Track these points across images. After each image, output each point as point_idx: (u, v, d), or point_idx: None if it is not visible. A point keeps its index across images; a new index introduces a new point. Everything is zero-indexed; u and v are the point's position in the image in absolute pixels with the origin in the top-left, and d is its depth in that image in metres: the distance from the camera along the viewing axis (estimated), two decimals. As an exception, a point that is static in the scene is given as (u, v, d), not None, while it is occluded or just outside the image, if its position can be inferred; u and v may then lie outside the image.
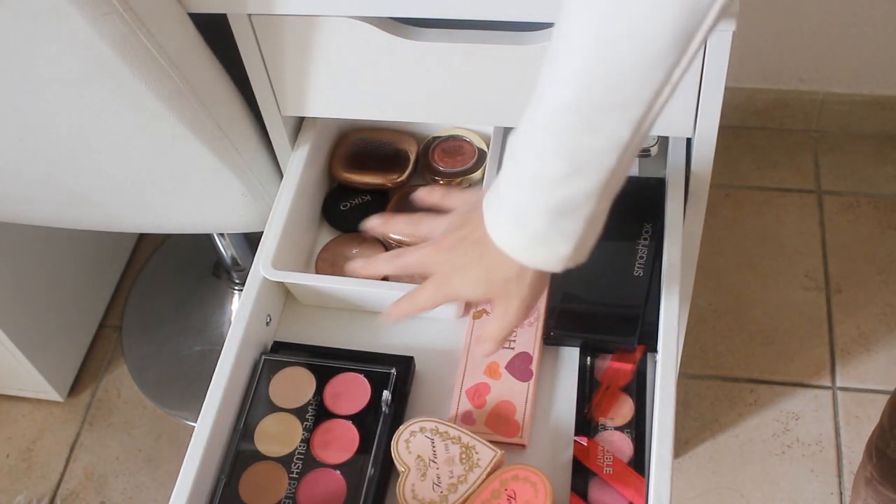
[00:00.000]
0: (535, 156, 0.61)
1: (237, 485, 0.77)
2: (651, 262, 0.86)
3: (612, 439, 0.78)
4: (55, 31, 0.74)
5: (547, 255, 0.65)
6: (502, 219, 0.65)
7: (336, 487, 0.77)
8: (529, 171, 0.61)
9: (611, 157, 0.59)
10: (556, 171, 0.60)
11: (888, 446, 0.91)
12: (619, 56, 0.55)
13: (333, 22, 0.82)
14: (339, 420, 0.81)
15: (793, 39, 1.65)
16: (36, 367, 1.47)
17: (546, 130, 0.59)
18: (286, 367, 0.84)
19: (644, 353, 0.82)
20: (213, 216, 1.01)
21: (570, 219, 0.62)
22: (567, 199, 0.61)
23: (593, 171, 0.59)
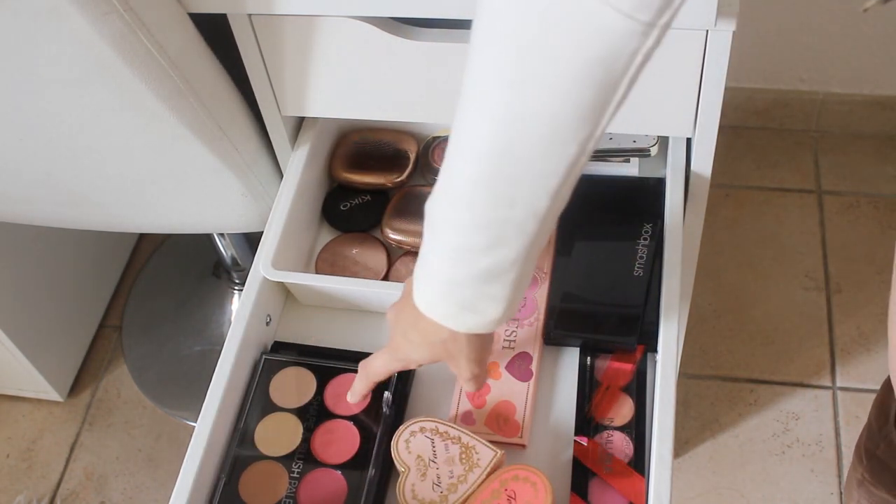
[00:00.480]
0: (454, 230, 0.60)
1: (237, 484, 0.77)
2: (651, 262, 0.86)
3: (612, 439, 0.78)
4: (55, 31, 0.74)
5: (477, 320, 0.65)
6: (427, 289, 0.65)
7: (337, 487, 0.77)
8: (450, 244, 0.61)
9: (531, 225, 0.58)
10: (477, 243, 0.59)
11: (877, 447, 0.91)
12: (527, 133, 0.54)
13: (333, 22, 0.82)
14: (339, 420, 0.81)
15: (793, 39, 1.65)
16: (36, 367, 1.47)
17: (461, 205, 0.59)
18: (287, 367, 0.84)
19: (644, 353, 0.82)
20: (213, 216, 1.01)
21: (496, 285, 0.62)
22: (491, 267, 0.61)
23: (514, 240, 0.59)
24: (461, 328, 0.65)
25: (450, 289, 0.63)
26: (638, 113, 0.84)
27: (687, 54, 0.78)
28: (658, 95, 0.82)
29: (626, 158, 0.96)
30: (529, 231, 0.59)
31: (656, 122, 0.85)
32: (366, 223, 0.97)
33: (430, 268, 0.64)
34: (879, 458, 0.91)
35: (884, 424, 0.90)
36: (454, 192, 0.59)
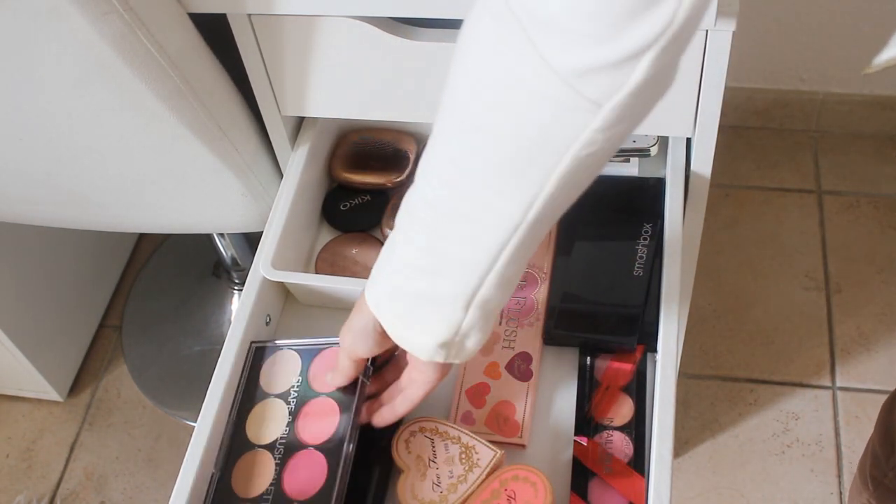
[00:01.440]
0: (406, 240, 0.62)
1: (230, 478, 0.77)
2: (651, 262, 0.86)
3: (611, 439, 0.78)
4: (55, 31, 0.74)
5: (410, 338, 0.65)
6: (378, 282, 0.66)
7: (318, 467, 0.76)
8: (402, 252, 0.62)
9: (471, 274, 0.59)
10: (420, 263, 0.61)
11: (885, 476, 0.91)
12: (470, 171, 0.56)
13: (333, 22, 0.82)
14: (321, 398, 0.80)
15: (793, 39, 1.65)
16: (36, 367, 1.47)
17: (415, 220, 0.60)
18: (275, 353, 0.84)
19: (644, 353, 0.82)
20: (213, 216, 1.01)
21: (431, 312, 0.62)
22: (429, 293, 0.61)
23: (453, 280, 0.60)
24: (396, 338, 0.66)
25: (395, 295, 0.64)
26: (638, 113, 0.84)
27: (687, 54, 0.78)
28: (658, 95, 0.82)
29: (626, 158, 0.96)
30: (469, 279, 0.59)
31: (656, 122, 0.85)
32: (366, 223, 0.97)
33: (386, 263, 0.65)
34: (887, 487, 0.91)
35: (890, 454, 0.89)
36: (412, 204, 0.61)
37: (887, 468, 0.90)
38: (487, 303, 0.61)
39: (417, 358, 0.67)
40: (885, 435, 0.90)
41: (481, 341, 0.65)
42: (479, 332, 0.63)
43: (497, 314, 0.64)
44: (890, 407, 0.90)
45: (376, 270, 0.66)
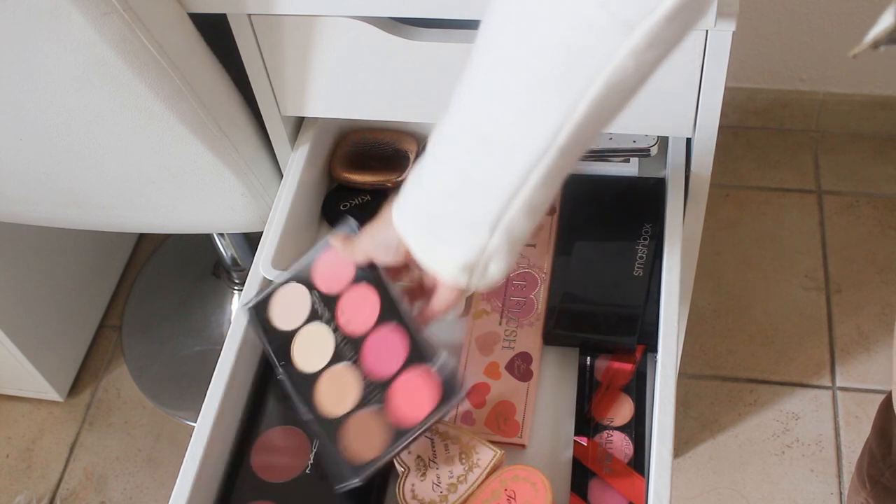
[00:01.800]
0: (435, 161, 0.63)
1: (316, 407, 0.75)
2: (651, 262, 0.86)
3: (611, 439, 0.78)
4: (55, 31, 0.74)
5: (431, 256, 0.66)
6: (405, 201, 0.66)
7: (399, 342, 0.75)
8: (431, 172, 0.63)
9: (497, 197, 0.60)
10: (448, 184, 0.62)
11: (882, 475, 0.91)
12: (505, 101, 0.57)
13: (333, 22, 0.82)
14: (346, 295, 0.77)
15: (793, 39, 1.65)
16: (36, 367, 1.47)
17: (446, 142, 0.61)
18: (272, 298, 0.80)
19: (644, 353, 0.82)
20: (213, 216, 1.01)
21: (457, 233, 0.63)
22: (456, 215, 0.62)
23: (479, 202, 0.61)
24: (419, 255, 0.66)
25: (419, 212, 0.65)
26: (638, 113, 0.84)
27: (687, 54, 0.78)
28: (658, 95, 0.82)
29: (626, 158, 0.96)
30: (495, 202, 0.60)
31: (656, 122, 0.85)
32: (366, 223, 0.97)
33: (414, 183, 0.65)
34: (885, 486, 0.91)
35: (887, 453, 0.89)
36: (444, 127, 0.62)
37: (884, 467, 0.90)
38: (513, 228, 0.62)
39: (440, 280, 0.67)
40: (881, 434, 0.91)
41: (504, 270, 0.65)
42: (504, 258, 0.64)
43: (522, 243, 0.64)
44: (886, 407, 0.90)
45: (405, 191, 0.66)
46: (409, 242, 0.66)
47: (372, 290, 0.75)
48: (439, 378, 0.72)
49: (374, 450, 0.72)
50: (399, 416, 0.72)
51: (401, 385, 0.73)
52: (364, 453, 0.72)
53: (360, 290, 0.76)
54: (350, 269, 0.76)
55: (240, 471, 0.79)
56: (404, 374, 0.73)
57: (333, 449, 0.73)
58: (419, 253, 0.66)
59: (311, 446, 0.80)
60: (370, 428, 0.73)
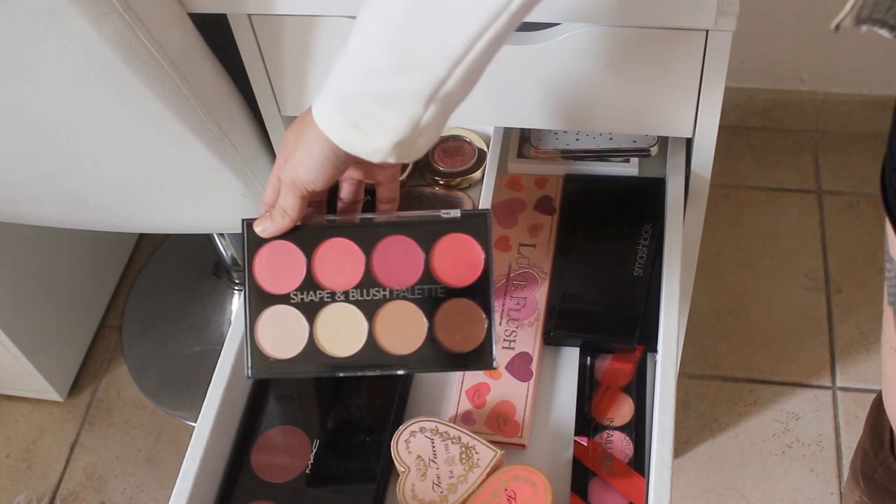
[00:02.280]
0: (365, 44, 0.60)
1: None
2: (651, 262, 0.86)
3: (612, 439, 0.78)
4: (55, 31, 0.74)
5: (363, 142, 0.64)
6: (326, 101, 0.64)
7: (405, 249, 0.74)
8: (358, 57, 0.61)
9: (439, 66, 0.58)
10: (382, 63, 0.60)
11: (875, 472, 0.91)
12: None
13: (333, 22, 0.82)
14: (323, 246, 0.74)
15: (793, 39, 1.65)
16: (36, 367, 1.47)
17: (379, 21, 0.59)
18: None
19: (644, 353, 0.82)
20: (213, 216, 1.01)
21: (391, 113, 0.61)
22: (389, 93, 0.60)
23: (418, 74, 0.59)
24: (346, 146, 0.65)
25: (345, 104, 0.63)
26: (638, 113, 0.84)
27: (687, 54, 0.78)
28: (658, 95, 0.82)
29: (626, 158, 0.96)
30: (437, 72, 0.59)
31: (656, 123, 0.85)
32: (366, 223, 0.97)
33: (333, 83, 0.64)
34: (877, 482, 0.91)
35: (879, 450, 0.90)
36: (377, 7, 0.59)
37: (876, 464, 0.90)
38: (449, 97, 0.60)
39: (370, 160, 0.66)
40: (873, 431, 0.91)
41: (434, 139, 0.64)
42: (435, 128, 0.63)
43: (453, 111, 0.63)
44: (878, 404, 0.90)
45: (325, 85, 0.65)
46: (335, 135, 0.64)
47: (335, 240, 0.74)
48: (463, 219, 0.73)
49: (478, 329, 0.73)
50: (463, 280, 0.73)
51: (439, 260, 0.73)
52: (472, 336, 0.73)
53: (324, 249, 0.74)
54: (292, 251, 0.74)
55: (240, 471, 0.79)
56: (432, 252, 0.73)
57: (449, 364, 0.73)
58: (346, 143, 0.64)
59: (312, 446, 0.80)
60: (458, 315, 0.73)
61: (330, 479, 0.79)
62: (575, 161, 0.97)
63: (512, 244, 0.92)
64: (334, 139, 0.65)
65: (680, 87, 0.81)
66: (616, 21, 0.75)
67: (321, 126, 0.65)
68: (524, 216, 0.94)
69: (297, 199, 0.70)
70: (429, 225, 0.74)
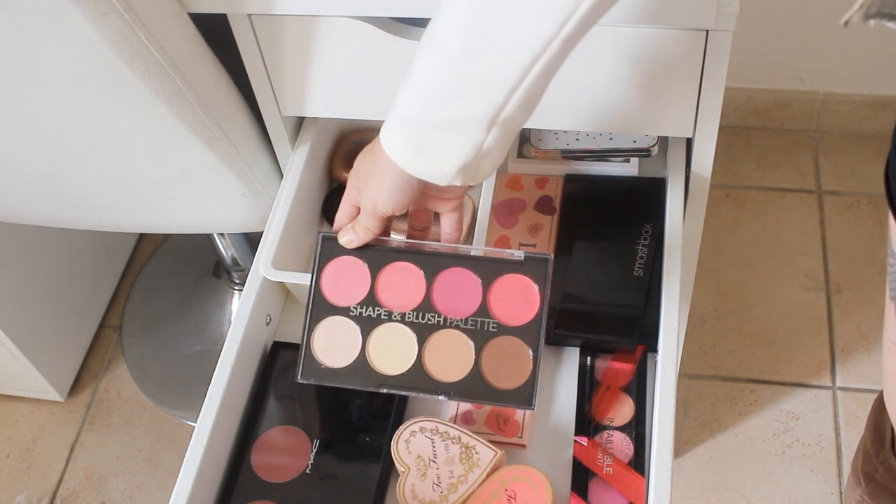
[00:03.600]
0: (427, 71, 0.63)
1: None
2: (651, 262, 0.86)
3: (612, 439, 0.78)
4: (55, 31, 0.74)
5: (430, 167, 0.66)
6: (392, 129, 0.67)
7: (464, 282, 0.77)
8: (420, 84, 0.63)
9: (497, 92, 0.60)
10: (443, 90, 0.62)
11: (876, 471, 0.91)
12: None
13: (333, 22, 0.82)
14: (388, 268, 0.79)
15: (793, 39, 1.65)
16: (36, 367, 1.47)
17: (438, 51, 0.61)
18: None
19: (644, 353, 0.82)
20: (213, 216, 1.01)
21: (454, 138, 0.63)
22: (451, 119, 0.62)
23: (479, 100, 0.61)
24: (414, 171, 0.67)
25: (411, 128, 0.65)
26: (638, 113, 0.84)
27: (687, 54, 0.78)
28: (658, 95, 0.82)
29: (626, 158, 0.96)
30: (495, 99, 0.60)
31: (656, 123, 0.85)
32: (366, 223, 0.97)
33: (398, 109, 0.66)
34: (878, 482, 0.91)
35: (880, 449, 0.90)
36: (435, 35, 0.61)
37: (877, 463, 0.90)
38: (509, 121, 0.62)
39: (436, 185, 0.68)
40: (875, 431, 0.91)
41: (498, 162, 0.66)
42: (498, 152, 0.65)
43: (516, 134, 0.65)
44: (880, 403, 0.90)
45: (391, 112, 0.67)
46: (403, 161, 0.67)
47: (401, 264, 0.77)
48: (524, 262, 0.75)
49: (524, 368, 0.74)
50: (516, 319, 0.75)
51: (496, 297, 0.76)
52: (516, 374, 0.74)
53: (390, 270, 0.78)
54: (359, 267, 0.78)
55: (240, 471, 0.79)
56: (491, 288, 0.76)
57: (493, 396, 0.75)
58: (415, 168, 0.67)
59: (312, 446, 0.80)
60: (505, 351, 0.75)
61: (330, 479, 0.79)
62: (575, 161, 0.97)
63: (512, 244, 0.92)
64: (402, 165, 0.67)
65: (680, 87, 0.81)
66: (616, 21, 0.75)
67: (389, 153, 0.67)
68: (524, 216, 0.94)
69: (377, 221, 0.75)
70: (492, 262, 0.77)
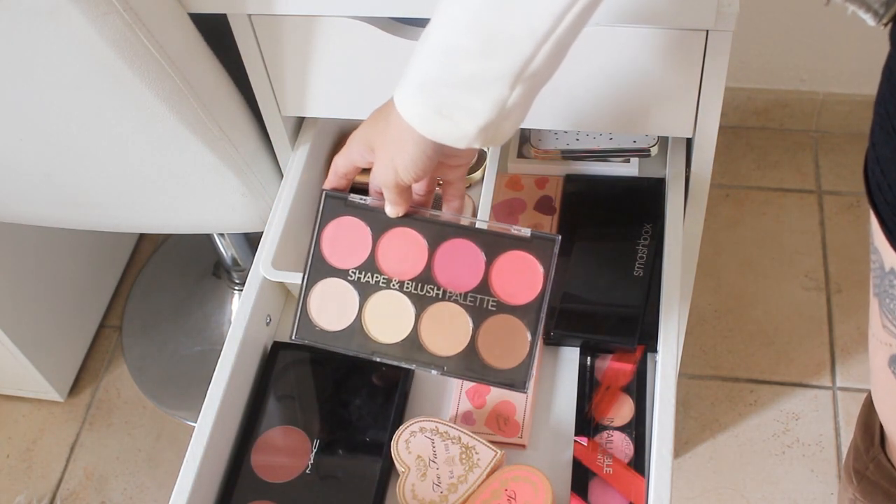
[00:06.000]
0: (448, 27, 0.58)
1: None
2: (651, 262, 0.86)
3: (612, 439, 0.78)
4: (55, 31, 0.74)
5: (449, 129, 0.62)
6: (408, 90, 0.62)
7: (466, 253, 0.74)
8: (440, 42, 0.59)
9: (525, 45, 0.56)
10: (466, 45, 0.57)
11: (867, 468, 0.91)
12: None
13: (333, 22, 0.82)
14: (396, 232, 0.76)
15: (793, 39, 1.65)
16: (36, 367, 1.47)
17: (459, 5, 0.57)
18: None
19: (644, 353, 0.82)
20: (213, 216, 1.01)
21: (476, 97, 0.59)
22: (474, 75, 0.58)
23: (504, 54, 0.57)
24: (433, 135, 0.63)
25: (430, 88, 0.61)
26: (638, 113, 0.84)
27: (687, 54, 0.78)
28: (658, 95, 0.82)
29: (626, 158, 0.96)
30: (523, 50, 0.56)
31: (656, 123, 0.85)
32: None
33: (415, 70, 0.62)
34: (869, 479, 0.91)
35: (870, 446, 0.90)
36: None
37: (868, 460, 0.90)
38: (535, 76, 0.58)
39: (453, 147, 0.64)
40: (865, 428, 0.91)
41: (520, 121, 0.62)
42: (521, 110, 0.61)
43: (539, 91, 0.61)
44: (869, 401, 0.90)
45: (406, 72, 0.63)
46: (419, 123, 0.62)
47: (404, 230, 0.74)
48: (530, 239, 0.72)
49: (520, 349, 0.72)
50: (517, 299, 0.72)
51: (498, 273, 0.73)
52: (512, 354, 0.72)
53: (392, 235, 0.75)
54: (361, 230, 0.76)
55: (240, 471, 0.79)
56: (493, 264, 0.73)
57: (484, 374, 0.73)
58: (432, 130, 0.62)
59: (312, 446, 0.80)
60: (503, 331, 0.72)
61: (330, 479, 0.79)
62: (575, 161, 0.97)
63: (512, 244, 0.92)
64: (420, 129, 0.63)
65: (680, 87, 0.81)
66: (616, 21, 0.75)
67: (406, 117, 0.63)
68: (524, 216, 0.94)
69: (401, 194, 0.71)
70: (497, 237, 0.73)
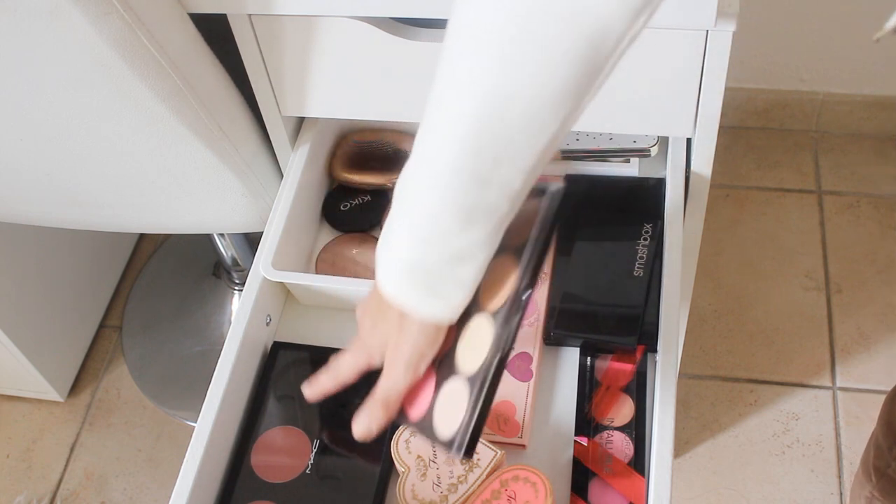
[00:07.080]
0: (427, 215, 0.58)
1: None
2: (651, 262, 0.86)
3: (612, 439, 0.78)
4: (55, 31, 0.74)
5: (442, 307, 0.61)
6: (394, 272, 0.61)
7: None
8: (421, 225, 0.58)
9: (503, 206, 0.57)
10: (449, 226, 0.57)
11: (888, 466, 0.91)
12: (510, 112, 0.53)
13: (333, 22, 0.82)
14: None
15: (793, 39, 1.65)
16: (36, 367, 1.47)
17: (435, 190, 0.57)
18: None
19: (644, 353, 0.82)
20: (213, 216, 1.01)
21: (465, 267, 0.59)
22: (461, 248, 0.58)
23: (485, 221, 0.57)
24: (425, 315, 0.62)
25: (418, 271, 0.60)
26: (638, 113, 0.84)
27: (687, 54, 0.78)
28: (658, 95, 0.82)
29: (626, 158, 0.96)
30: (500, 211, 0.57)
31: (656, 122, 0.85)
32: (366, 223, 0.97)
33: (398, 250, 0.60)
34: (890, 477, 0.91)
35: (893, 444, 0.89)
36: (428, 174, 0.57)
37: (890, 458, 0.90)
38: (503, 221, 0.59)
39: (433, 326, 0.62)
40: (888, 426, 0.91)
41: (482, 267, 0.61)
42: (482, 255, 0.60)
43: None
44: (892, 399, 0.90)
45: (386, 254, 0.61)
46: (410, 305, 0.61)
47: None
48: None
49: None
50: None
51: None
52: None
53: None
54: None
55: (240, 471, 0.79)
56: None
57: None
58: (430, 312, 0.61)
59: (312, 446, 0.80)
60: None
61: (330, 479, 0.79)
62: (575, 161, 0.97)
63: (512, 244, 0.92)
64: (416, 312, 0.61)
65: (680, 87, 0.81)
66: (616, 21, 0.75)
67: (397, 300, 0.61)
68: (524, 216, 0.94)
69: (409, 376, 0.66)
70: None
